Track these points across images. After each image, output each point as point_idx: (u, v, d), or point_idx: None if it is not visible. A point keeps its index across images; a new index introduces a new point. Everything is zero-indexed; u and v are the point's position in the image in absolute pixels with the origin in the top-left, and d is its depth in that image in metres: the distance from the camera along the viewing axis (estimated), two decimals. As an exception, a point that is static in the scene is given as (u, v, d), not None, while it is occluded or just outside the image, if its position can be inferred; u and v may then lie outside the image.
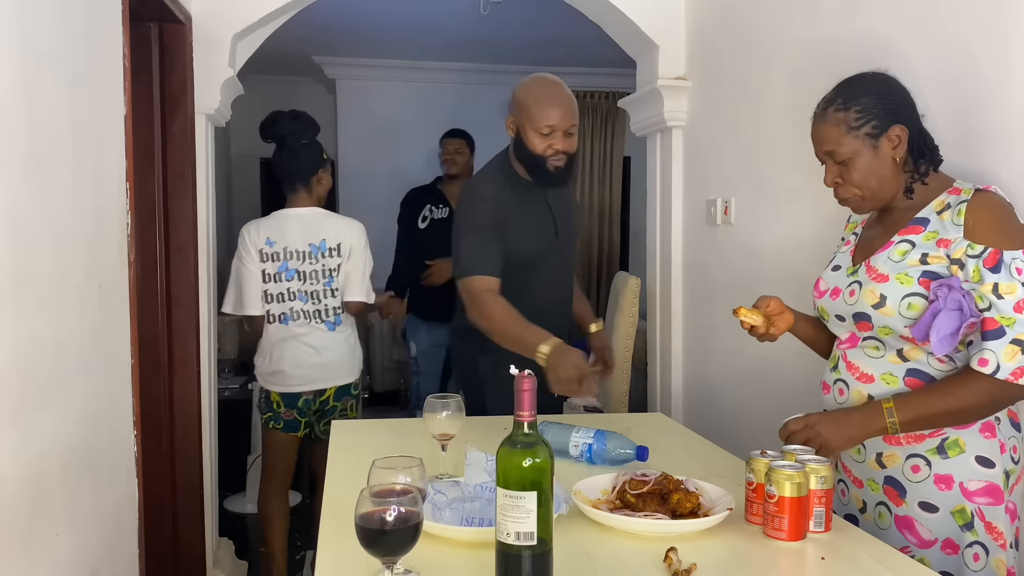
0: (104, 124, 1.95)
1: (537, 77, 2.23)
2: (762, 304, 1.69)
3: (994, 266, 1.39)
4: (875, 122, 1.50)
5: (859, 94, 1.52)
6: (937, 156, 1.55)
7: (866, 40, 2.02)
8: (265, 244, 2.85)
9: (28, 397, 1.50)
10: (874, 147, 1.51)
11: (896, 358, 1.51)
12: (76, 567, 1.71)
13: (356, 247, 2.90)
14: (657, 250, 3.24)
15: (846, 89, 1.55)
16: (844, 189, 1.57)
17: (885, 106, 1.51)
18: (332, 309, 2.90)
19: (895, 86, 1.55)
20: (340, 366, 2.92)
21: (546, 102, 2.16)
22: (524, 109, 2.18)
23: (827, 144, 1.55)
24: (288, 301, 2.86)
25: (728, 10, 2.78)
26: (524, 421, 1.10)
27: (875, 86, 1.54)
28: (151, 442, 2.60)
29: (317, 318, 2.88)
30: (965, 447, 1.46)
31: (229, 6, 2.85)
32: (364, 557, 1.11)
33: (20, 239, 1.47)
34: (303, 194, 2.92)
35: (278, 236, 2.85)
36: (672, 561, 1.20)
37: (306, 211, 2.90)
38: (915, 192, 1.53)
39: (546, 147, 2.16)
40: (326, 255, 2.87)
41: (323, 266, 2.87)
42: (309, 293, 2.87)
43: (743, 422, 2.66)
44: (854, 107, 1.51)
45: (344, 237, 2.89)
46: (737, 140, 2.71)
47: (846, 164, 1.53)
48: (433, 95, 6.45)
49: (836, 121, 1.53)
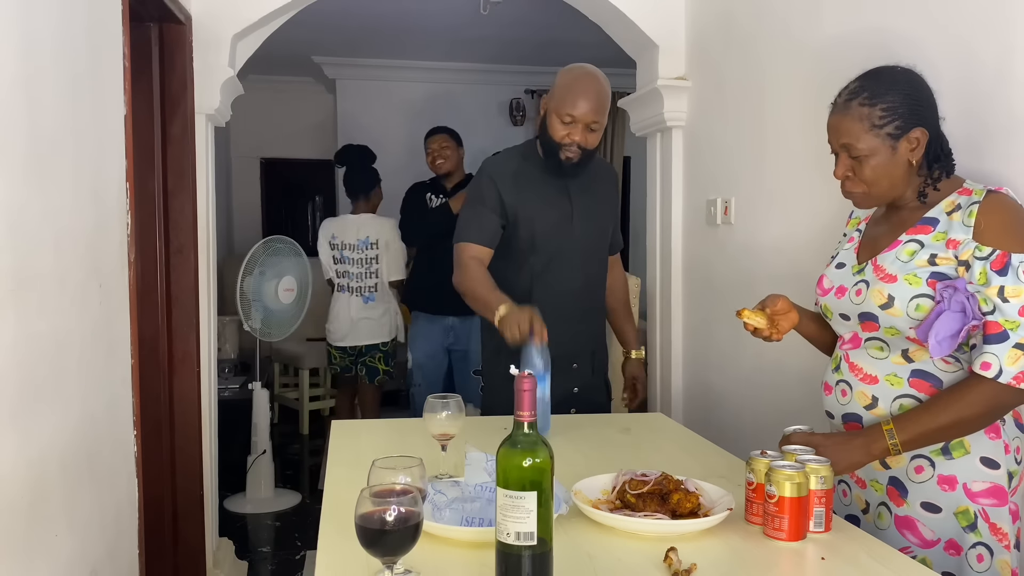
0: (104, 124, 1.95)
1: (577, 66, 2.23)
2: (769, 303, 1.64)
3: (1001, 269, 1.38)
4: (899, 122, 1.45)
5: (886, 91, 1.47)
6: (951, 162, 1.51)
7: (866, 40, 2.02)
8: (331, 238, 4.17)
9: (28, 397, 1.50)
10: (893, 148, 1.47)
11: (900, 359, 1.51)
12: (76, 567, 1.71)
13: (391, 241, 4.11)
14: (657, 250, 3.24)
15: (873, 82, 1.48)
16: (853, 183, 1.53)
17: (911, 107, 1.46)
18: (368, 288, 4.14)
19: (923, 86, 1.50)
20: (367, 330, 4.15)
21: (574, 91, 2.15)
22: (554, 93, 2.20)
23: (845, 137, 1.49)
24: (342, 279, 4.16)
25: (728, 10, 2.78)
26: (524, 421, 1.10)
27: (904, 85, 1.48)
28: (151, 442, 2.60)
29: (358, 293, 4.13)
30: (970, 448, 1.45)
31: (229, 6, 2.85)
32: (364, 557, 1.11)
33: (20, 239, 1.47)
34: (362, 203, 4.18)
35: (340, 233, 4.15)
36: (672, 561, 1.20)
37: (360, 216, 4.17)
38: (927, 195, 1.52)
39: (564, 135, 2.17)
40: (367, 248, 4.12)
41: (365, 256, 4.12)
42: (354, 275, 4.13)
43: (743, 422, 2.66)
44: (880, 104, 1.46)
45: (381, 235, 4.11)
46: (737, 140, 2.71)
47: (860, 160, 1.49)
48: (433, 95, 6.45)
49: (859, 116, 1.47)
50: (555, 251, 2.28)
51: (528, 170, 2.28)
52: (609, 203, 2.46)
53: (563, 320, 2.15)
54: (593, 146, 2.22)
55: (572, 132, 2.17)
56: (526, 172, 2.28)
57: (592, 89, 2.17)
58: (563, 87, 2.18)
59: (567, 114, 2.15)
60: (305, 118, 7.01)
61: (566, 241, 2.29)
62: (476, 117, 6.44)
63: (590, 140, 2.20)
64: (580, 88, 2.16)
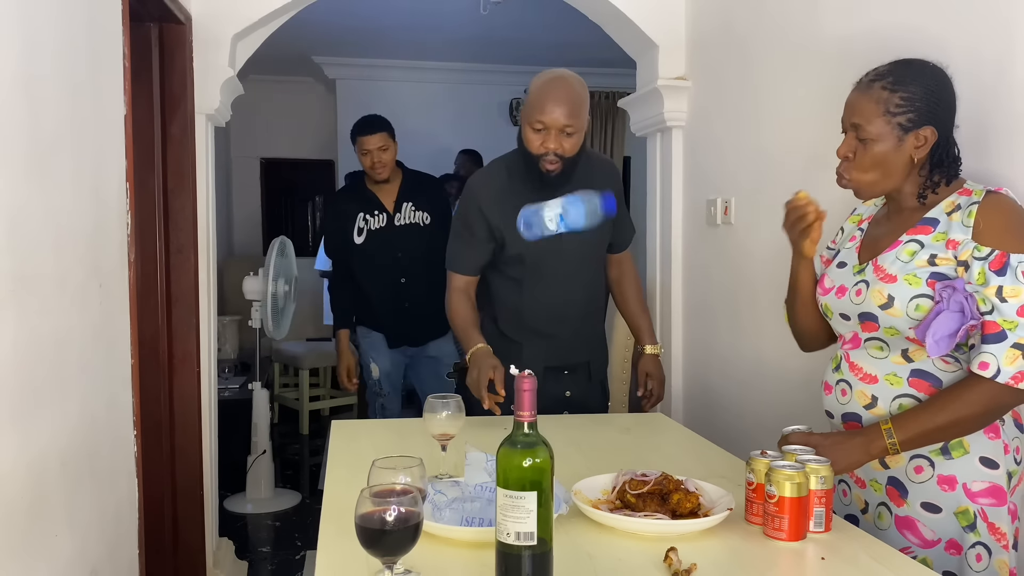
0: (104, 124, 1.95)
1: (546, 71, 2.14)
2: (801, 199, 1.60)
3: (1000, 269, 1.38)
4: (913, 115, 1.46)
5: (911, 81, 1.46)
6: (955, 169, 1.51)
7: (866, 41, 2.02)
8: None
9: (28, 397, 1.50)
10: (900, 139, 1.47)
11: (900, 359, 1.51)
12: (76, 567, 1.71)
13: None
14: (657, 250, 3.24)
15: (902, 70, 1.48)
16: (849, 166, 1.53)
17: (929, 103, 1.46)
18: None
19: (947, 87, 1.49)
20: None
21: (542, 97, 2.06)
22: (525, 102, 2.14)
23: (858, 117, 1.50)
24: None
25: (728, 10, 2.78)
26: (524, 421, 1.10)
27: (929, 80, 1.48)
28: (151, 442, 2.60)
29: None
30: (969, 448, 1.45)
31: (229, 6, 2.85)
32: (364, 557, 1.11)
33: (20, 239, 1.47)
34: None
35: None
36: (672, 561, 1.20)
37: None
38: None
39: (539, 145, 2.08)
40: None
41: None
42: None
43: (743, 422, 2.67)
44: (901, 92, 1.46)
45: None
46: (737, 140, 2.71)
47: (865, 143, 1.49)
48: (433, 95, 6.45)
49: (877, 99, 1.47)
50: (544, 265, 2.24)
51: (513, 185, 2.21)
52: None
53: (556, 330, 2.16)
54: (572, 153, 2.10)
55: (546, 140, 2.07)
56: (511, 188, 2.21)
57: (561, 92, 2.06)
58: (532, 94, 2.09)
59: (537, 121, 2.06)
60: (305, 118, 7.00)
61: (555, 254, 2.23)
62: (476, 117, 6.44)
63: (567, 146, 2.08)
64: (548, 92, 2.06)
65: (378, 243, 3.31)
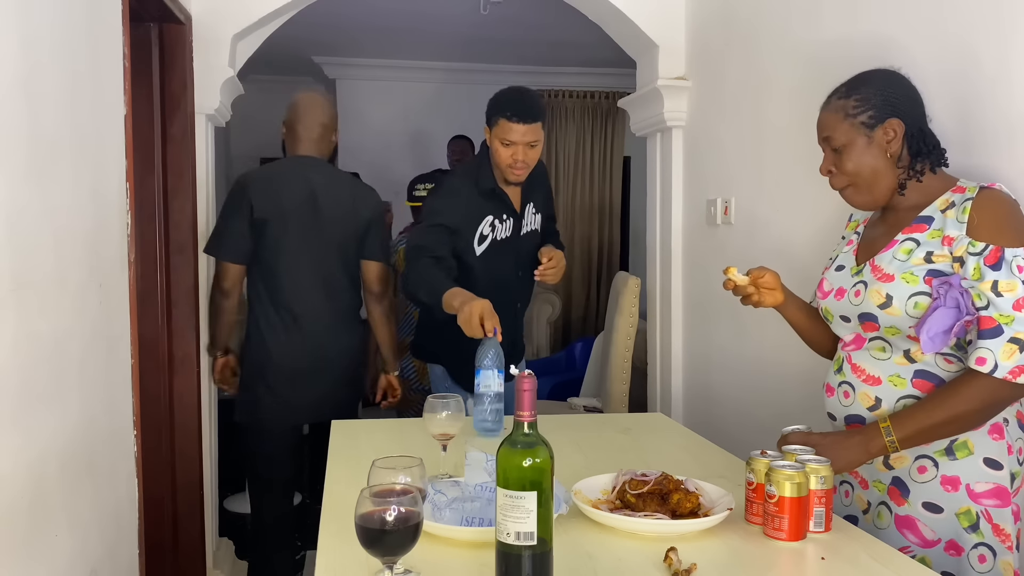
0: (104, 124, 1.95)
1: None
2: (756, 271, 1.67)
3: (995, 263, 1.38)
4: (872, 112, 1.51)
5: (862, 84, 1.55)
6: (937, 157, 1.54)
7: (866, 40, 2.02)
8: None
9: (28, 397, 1.50)
10: (868, 137, 1.52)
11: (903, 359, 1.51)
12: (76, 567, 1.71)
13: None
14: (657, 250, 3.24)
15: (853, 80, 1.58)
16: (837, 179, 1.58)
17: (885, 98, 1.52)
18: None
19: (900, 82, 1.56)
20: None
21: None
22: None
23: (825, 130, 1.58)
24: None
25: (728, 10, 2.78)
26: (524, 421, 1.10)
27: (879, 80, 1.55)
28: (151, 442, 2.60)
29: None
30: (974, 449, 1.45)
31: (229, 6, 2.85)
32: (364, 557, 1.11)
33: (20, 239, 1.47)
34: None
35: None
36: (672, 561, 1.20)
37: None
38: (919, 191, 1.52)
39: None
40: None
41: None
42: None
43: (743, 422, 2.66)
44: (854, 96, 1.54)
45: None
46: (737, 140, 2.71)
47: (840, 152, 1.55)
48: (433, 95, 6.45)
49: (836, 108, 1.56)
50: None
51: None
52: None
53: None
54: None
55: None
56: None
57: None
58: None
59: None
60: (305, 118, 6.98)
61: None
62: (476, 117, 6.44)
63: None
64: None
65: (500, 256, 2.49)
